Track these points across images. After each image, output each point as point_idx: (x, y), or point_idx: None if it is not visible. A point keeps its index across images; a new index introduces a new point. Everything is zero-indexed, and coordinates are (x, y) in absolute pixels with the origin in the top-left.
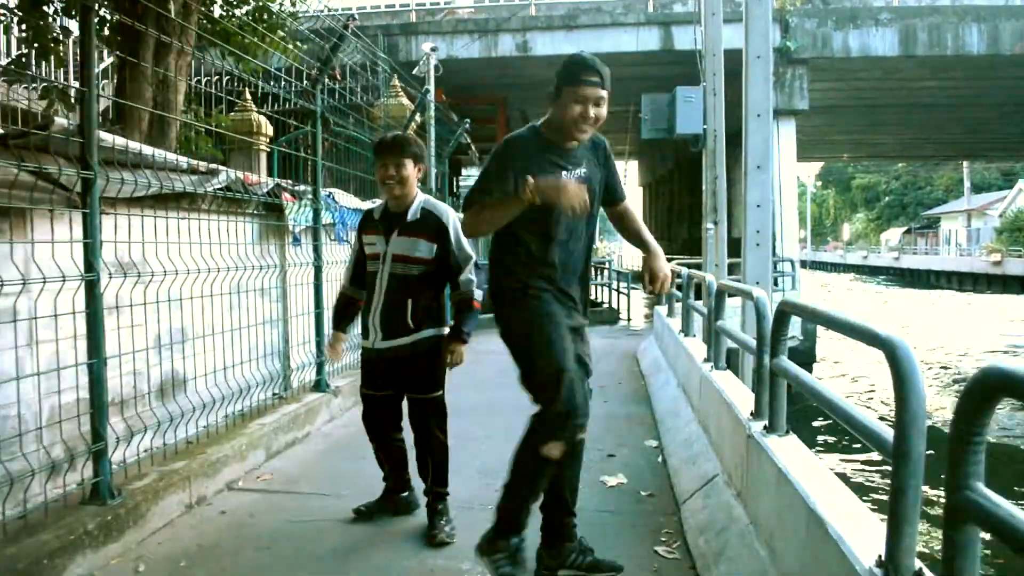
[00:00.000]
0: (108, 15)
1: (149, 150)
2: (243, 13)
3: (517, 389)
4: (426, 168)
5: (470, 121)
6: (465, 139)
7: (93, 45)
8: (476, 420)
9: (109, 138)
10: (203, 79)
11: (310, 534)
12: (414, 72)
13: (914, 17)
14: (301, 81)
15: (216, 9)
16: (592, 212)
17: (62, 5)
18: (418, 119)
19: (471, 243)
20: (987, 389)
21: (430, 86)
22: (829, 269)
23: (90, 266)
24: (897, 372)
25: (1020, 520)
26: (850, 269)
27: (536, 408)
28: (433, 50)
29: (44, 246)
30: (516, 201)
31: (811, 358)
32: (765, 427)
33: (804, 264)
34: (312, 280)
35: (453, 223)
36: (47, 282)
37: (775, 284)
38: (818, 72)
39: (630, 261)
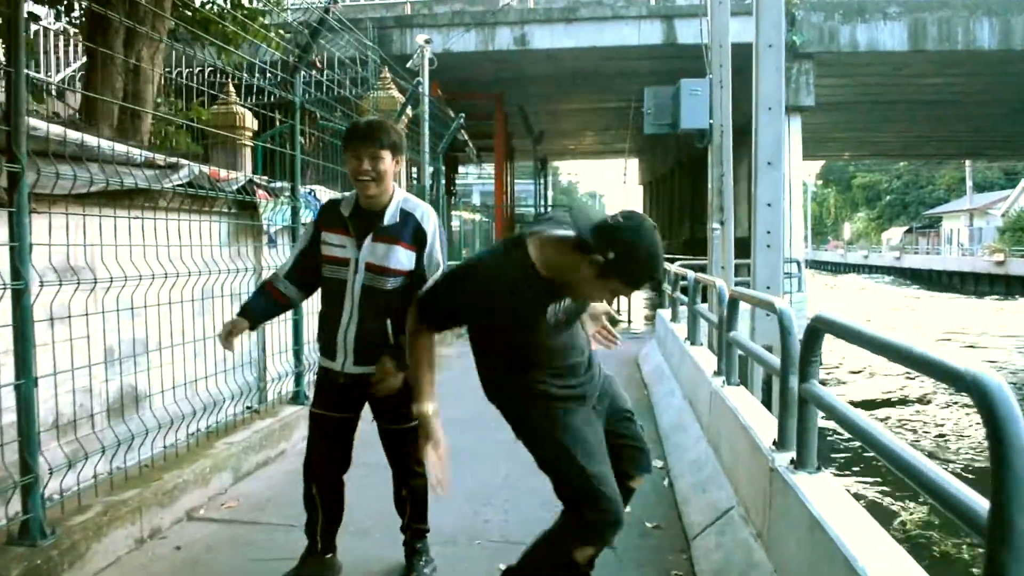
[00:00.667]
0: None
1: (94, 140)
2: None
3: None
4: (403, 162)
5: (465, 116)
6: (462, 135)
7: (21, 15)
8: (461, 436)
9: (43, 126)
10: (184, 71)
11: None
12: (408, 65)
13: (924, 11)
14: (284, 72)
15: None
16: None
17: None
18: (409, 112)
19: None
20: None
21: (424, 79)
22: (831, 269)
23: (17, 273)
24: (992, 422)
25: None
26: (851, 269)
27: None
28: (427, 42)
29: None
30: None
31: None
32: (792, 461)
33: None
34: None
35: (434, 227)
36: None
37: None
38: (824, 67)
39: None
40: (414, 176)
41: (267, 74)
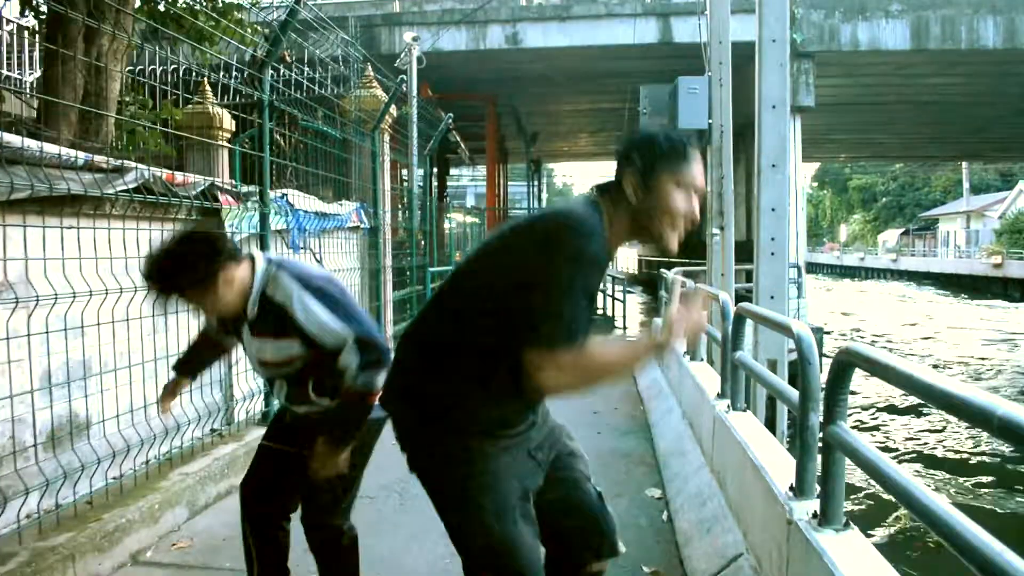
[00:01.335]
0: None
1: (16, 140)
2: None
3: None
4: (229, 266)
5: (456, 117)
6: (454, 137)
7: None
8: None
9: None
10: (158, 69)
11: None
12: (395, 64)
13: (927, 9)
14: (255, 69)
15: None
16: None
17: None
18: (394, 112)
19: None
20: None
21: (412, 79)
22: (827, 272)
23: None
24: None
25: None
26: (847, 271)
27: None
28: (415, 40)
29: None
30: (653, 349)
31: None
32: (815, 514)
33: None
34: None
35: (299, 304)
36: None
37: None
38: (824, 67)
39: (625, 264)
40: (404, 179)
41: (237, 72)
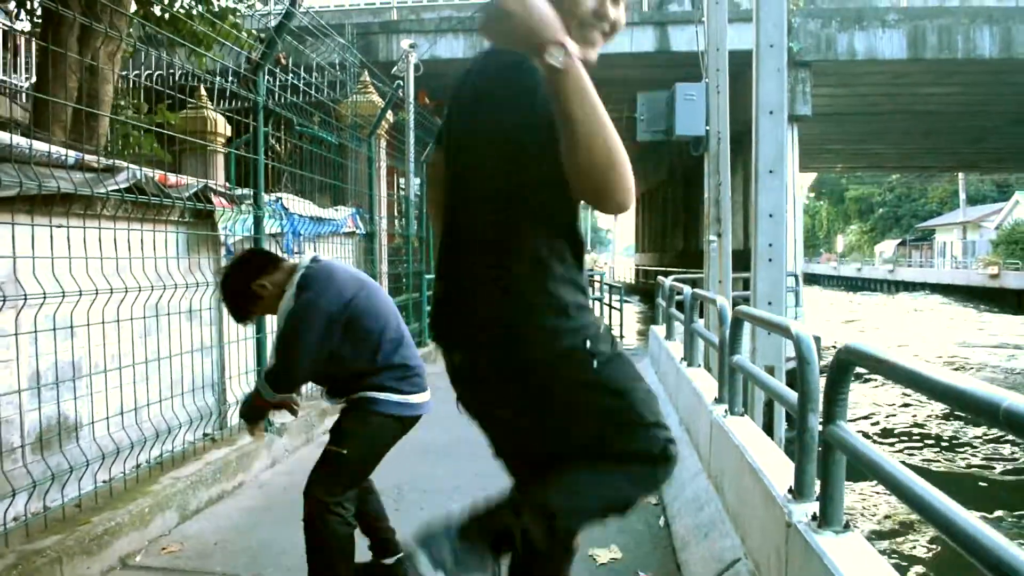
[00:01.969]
0: None
1: (4, 136)
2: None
3: None
4: (263, 279)
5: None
6: None
7: None
8: (439, 464)
9: None
10: (153, 73)
11: None
12: (393, 72)
13: (923, 18)
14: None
15: None
16: None
17: None
18: (391, 117)
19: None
20: None
21: (409, 85)
22: (825, 283)
23: None
24: None
25: None
26: (843, 282)
27: None
28: (412, 47)
29: None
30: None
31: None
32: (814, 516)
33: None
34: None
35: (280, 315)
36: None
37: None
38: (821, 76)
39: (622, 274)
40: (402, 188)
41: (234, 75)
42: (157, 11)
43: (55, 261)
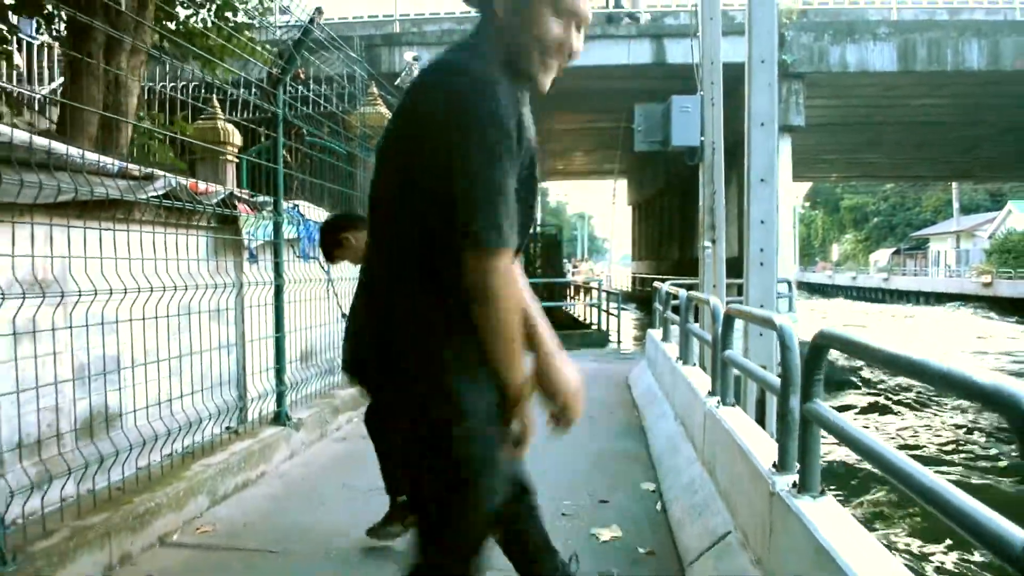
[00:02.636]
0: (53, 9)
1: (62, 148)
2: (207, 12)
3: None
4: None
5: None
6: None
7: None
8: None
9: (6, 131)
10: (168, 84)
11: None
12: (396, 83)
13: (913, 32)
14: (270, 85)
15: (179, 9)
16: None
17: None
18: None
19: None
20: None
21: None
22: (820, 292)
23: None
24: None
25: None
26: (839, 291)
27: None
28: (415, 59)
29: None
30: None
31: None
32: (794, 484)
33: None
34: (272, 300)
35: None
36: None
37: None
38: (814, 88)
39: (619, 282)
40: None
41: (252, 88)
42: (172, 25)
43: (99, 261)
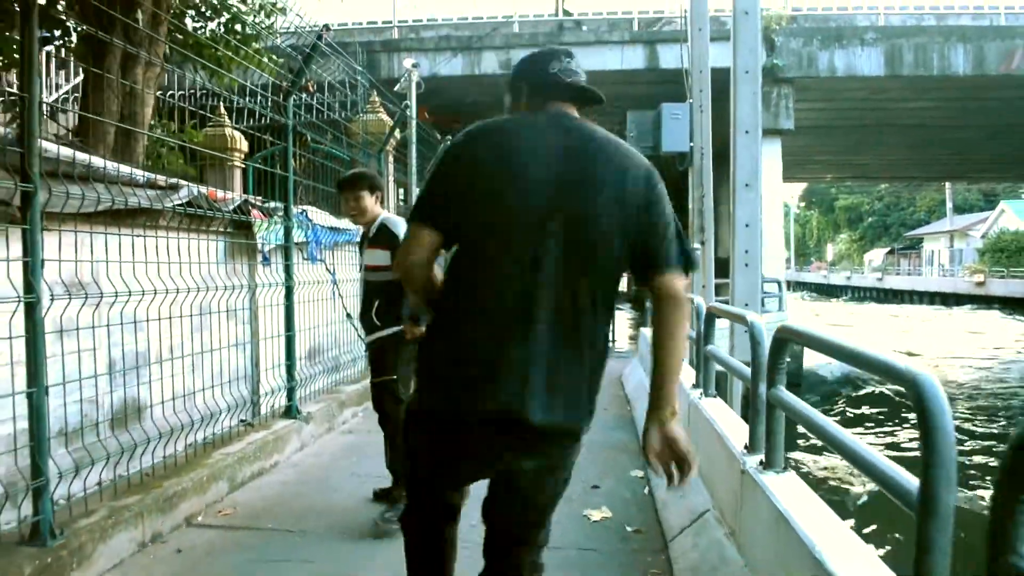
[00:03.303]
0: (74, 26)
1: (100, 162)
2: (216, 25)
3: None
4: (382, 193)
5: (451, 138)
6: None
7: (35, 44)
8: None
9: (53, 148)
10: (176, 93)
11: None
12: (396, 89)
13: (900, 37)
14: (278, 96)
15: (188, 22)
16: None
17: None
18: (398, 135)
19: None
20: None
21: (412, 103)
22: (814, 291)
23: (30, 287)
24: (922, 411)
25: None
26: (835, 290)
27: None
28: (415, 66)
29: None
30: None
31: (798, 380)
32: (761, 462)
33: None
34: (283, 301)
35: (397, 227)
36: None
37: (762, 305)
38: (803, 92)
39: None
40: (401, 199)
41: (260, 97)
42: (180, 36)
43: (131, 265)
